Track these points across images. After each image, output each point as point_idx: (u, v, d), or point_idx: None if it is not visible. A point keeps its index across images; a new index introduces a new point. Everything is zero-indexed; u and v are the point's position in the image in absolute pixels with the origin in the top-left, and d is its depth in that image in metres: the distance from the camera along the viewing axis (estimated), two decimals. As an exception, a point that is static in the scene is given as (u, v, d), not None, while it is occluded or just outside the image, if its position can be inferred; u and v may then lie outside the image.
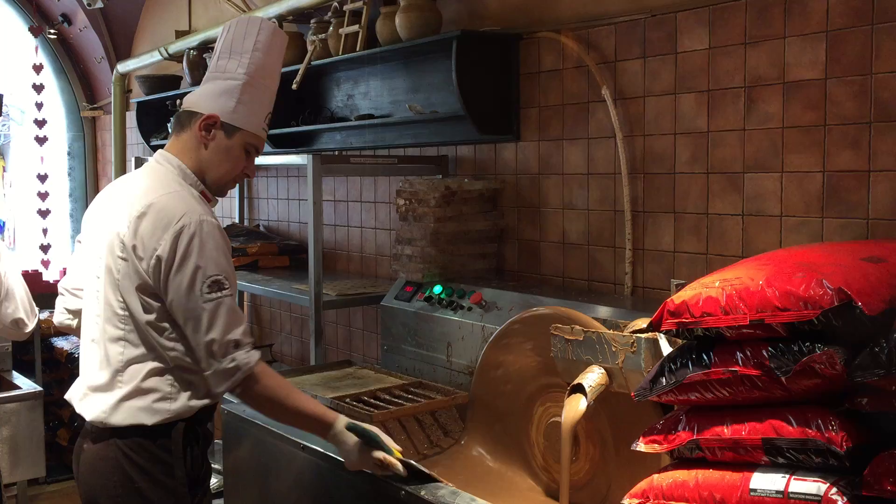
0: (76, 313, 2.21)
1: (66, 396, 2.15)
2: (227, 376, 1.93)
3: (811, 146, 2.25)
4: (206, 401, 2.05)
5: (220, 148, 2.08)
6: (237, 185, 4.79)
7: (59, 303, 2.26)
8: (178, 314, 1.94)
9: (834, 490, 1.39)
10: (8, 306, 3.09)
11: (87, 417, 2.04)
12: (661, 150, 2.62)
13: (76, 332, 2.25)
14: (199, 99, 2.11)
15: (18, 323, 3.13)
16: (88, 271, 2.12)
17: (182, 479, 2.03)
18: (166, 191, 2.00)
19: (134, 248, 1.95)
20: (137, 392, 1.99)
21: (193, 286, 1.90)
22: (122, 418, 1.99)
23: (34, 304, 3.26)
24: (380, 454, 1.93)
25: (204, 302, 1.90)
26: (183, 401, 2.01)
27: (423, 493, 1.91)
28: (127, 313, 1.99)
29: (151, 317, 1.97)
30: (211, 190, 2.12)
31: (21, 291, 3.15)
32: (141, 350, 1.99)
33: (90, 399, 2.04)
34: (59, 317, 2.26)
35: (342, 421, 1.99)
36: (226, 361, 1.91)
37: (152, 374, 1.99)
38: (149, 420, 1.98)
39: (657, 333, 1.85)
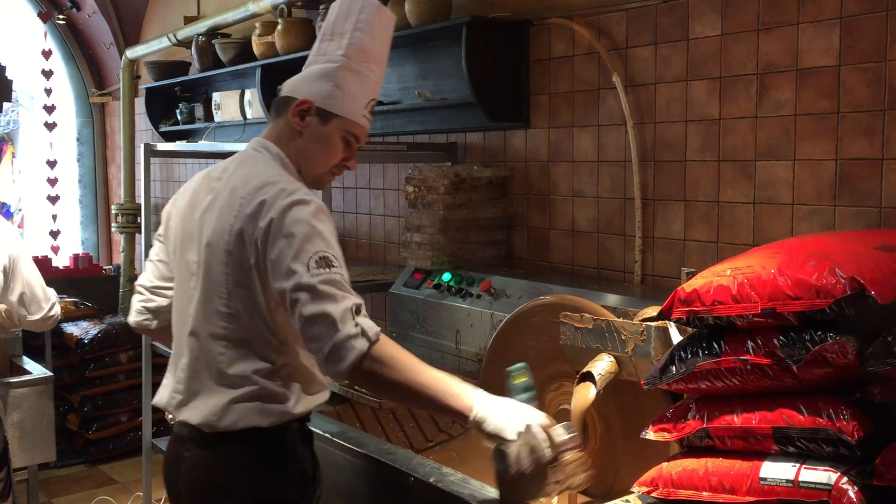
0: (156, 313, 2.06)
1: (155, 401, 1.98)
2: (351, 346, 1.61)
3: (824, 134, 2.23)
4: (319, 399, 1.92)
5: (316, 136, 1.92)
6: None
7: (138, 301, 2.08)
8: (278, 291, 1.72)
9: (845, 479, 1.38)
10: (14, 288, 3.11)
11: (194, 421, 1.86)
12: (671, 137, 2.60)
13: (154, 333, 2.11)
14: (296, 84, 1.96)
15: (23, 299, 3.14)
16: (179, 269, 1.95)
17: (295, 480, 1.89)
18: (273, 174, 1.85)
19: (242, 232, 1.78)
20: (247, 394, 1.81)
21: (300, 259, 1.69)
22: (233, 420, 1.81)
23: (47, 290, 3.27)
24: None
25: (312, 276, 1.67)
26: (295, 400, 1.85)
27: (432, 479, 1.91)
28: (230, 311, 1.82)
29: (264, 305, 1.80)
30: (307, 181, 1.93)
31: (31, 277, 3.16)
32: (244, 350, 1.82)
33: (193, 402, 1.87)
34: (138, 317, 2.08)
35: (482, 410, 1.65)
36: (349, 326, 1.62)
37: (259, 374, 1.82)
38: (263, 422, 1.82)
39: (667, 322, 1.84)
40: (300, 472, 1.91)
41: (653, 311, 2.00)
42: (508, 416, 1.64)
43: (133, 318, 2.09)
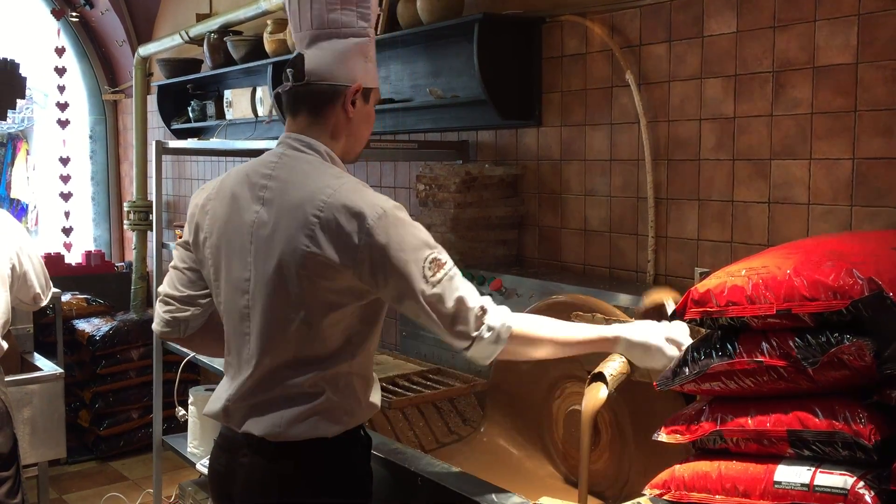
0: (188, 323, 1.94)
1: (207, 411, 1.91)
2: (492, 348, 1.70)
3: (841, 132, 2.20)
4: (377, 400, 1.88)
5: (363, 116, 1.84)
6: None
7: (164, 311, 1.95)
8: (408, 311, 1.71)
9: (861, 484, 1.36)
10: (30, 290, 3.14)
11: (257, 433, 1.78)
12: (685, 135, 2.58)
13: (182, 342, 2.01)
14: (328, 67, 1.79)
15: (35, 298, 3.20)
16: (227, 282, 1.84)
17: (357, 488, 1.83)
18: (336, 181, 1.73)
19: (321, 250, 1.68)
20: (312, 407, 1.75)
21: (415, 276, 1.66)
22: (300, 432, 1.76)
23: (49, 278, 3.28)
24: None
25: (434, 287, 1.66)
26: (358, 407, 1.81)
27: (441, 479, 1.90)
28: (293, 328, 1.74)
29: (340, 320, 1.74)
30: (348, 160, 1.89)
31: (37, 267, 3.19)
32: (305, 366, 1.76)
33: (255, 417, 1.80)
34: (165, 328, 1.96)
35: (624, 332, 1.80)
36: (483, 331, 1.68)
37: (322, 386, 1.76)
38: (329, 432, 1.77)
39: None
40: (361, 481, 1.86)
41: (662, 296, 1.99)
42: (647, 332, 1.80)
43: (159, 327, 1.97)
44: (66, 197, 6.72)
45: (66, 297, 5.35)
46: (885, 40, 2.10)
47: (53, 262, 5.73)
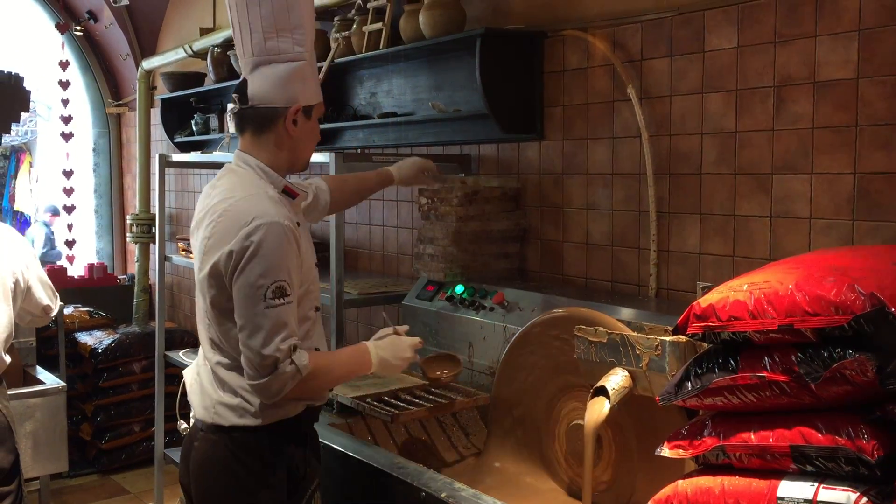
0: None
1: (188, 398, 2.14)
2: (287, 382, 1.87)
3: (842, 147, 2.21)
4: (312, 403, 2.04)
5: (306, 131, 2.03)
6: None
7: None
8: (239, 320, 1.88)
9: (864, 500, 1.35)
10: (38, 302, 3.14)
11: (197, 416, 2.03)
12: (687, 149, 2.58)
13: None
14: (268, 92, 1.97)
15: (46, 309, 3.21)
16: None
17: (282, 480, 1.98)
18: (243, 194, 1.93)
19: (210, 247, 1.91)
20: (234, 399, 1.95)
21: (257, 292, 1.84)
22: (223, 419, 1.96)
23: (54, 288, 3.29)
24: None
25: (266, 308, 1.84)
26: (290, 402, 1.96)
27: (443, 494, 1.90)
28: (209, 323, 1.98)
29: (230, 318, 1.92)
30: (298, 169, 2.10)
31: (44, 279, 3.19)
32: (229, 352, 1.95)
33: (198, 398, 2.04)
34: None
35: (371, 349, 2.14)
36: (286, 365, 1.86)
37: (244, 380, 1.94)
38: (253, 421, 1.94)
39: (682, 336, 1.81)
40: (288, 468, 2.00)
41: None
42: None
43: None
44: (69, 209, 6.73)
45: (68, 310, 5.35)
46: (885, 55, 2.11)
47: (56, 275, 5.74)
